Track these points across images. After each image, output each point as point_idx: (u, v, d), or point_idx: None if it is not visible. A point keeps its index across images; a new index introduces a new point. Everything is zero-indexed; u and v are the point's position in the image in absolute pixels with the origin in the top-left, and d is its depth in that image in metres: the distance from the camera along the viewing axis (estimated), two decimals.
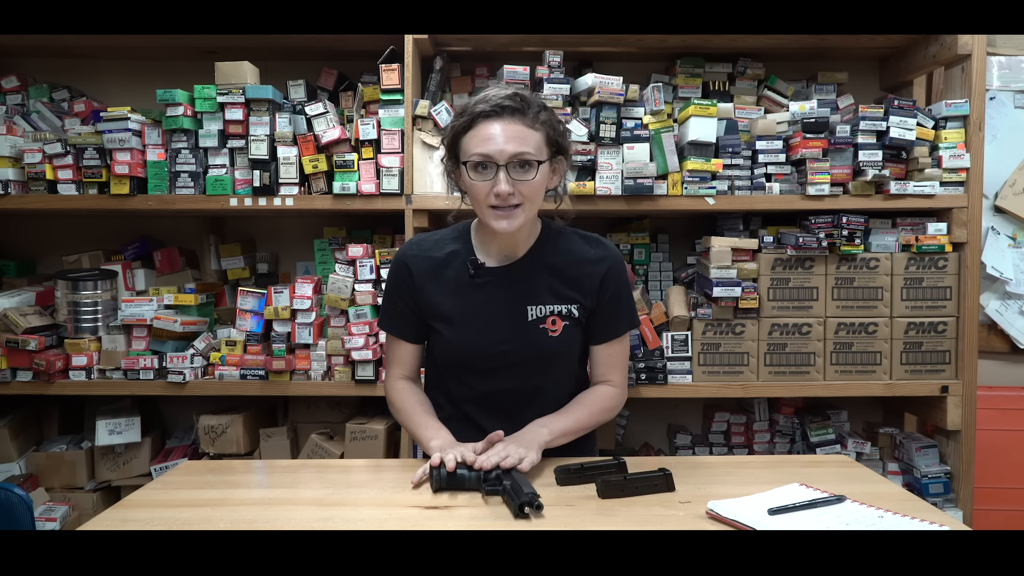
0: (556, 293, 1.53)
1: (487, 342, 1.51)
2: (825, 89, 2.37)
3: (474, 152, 1.42)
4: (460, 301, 1.53)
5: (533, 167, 1.42)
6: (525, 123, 1.43)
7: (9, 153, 2.19)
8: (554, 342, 1.52)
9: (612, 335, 1.58)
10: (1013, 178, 2.57)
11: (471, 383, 1.56)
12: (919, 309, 2.20)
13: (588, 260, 1.54)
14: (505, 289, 1.52)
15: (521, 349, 1.51)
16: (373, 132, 2.15)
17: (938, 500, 2.20)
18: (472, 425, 1.56)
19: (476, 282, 1.52)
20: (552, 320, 1.52)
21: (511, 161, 1.41)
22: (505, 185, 1.40)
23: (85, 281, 2.26)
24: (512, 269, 1.54)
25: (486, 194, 1.42)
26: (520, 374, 1.54)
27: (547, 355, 1.53)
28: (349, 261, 2.19)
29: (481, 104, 1.43)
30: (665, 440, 2.62)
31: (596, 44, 2.37)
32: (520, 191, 1.42)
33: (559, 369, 1.58)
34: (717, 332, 2.19)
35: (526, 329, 1.52)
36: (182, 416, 2.57)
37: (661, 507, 1.28)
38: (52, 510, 2.23)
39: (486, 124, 1.42)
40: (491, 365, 1.53)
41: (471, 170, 1.43)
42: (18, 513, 1.56)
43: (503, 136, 1.41)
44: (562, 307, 1.53)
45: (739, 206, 2.17)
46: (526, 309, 1.52)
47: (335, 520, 1.22)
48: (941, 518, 1.20)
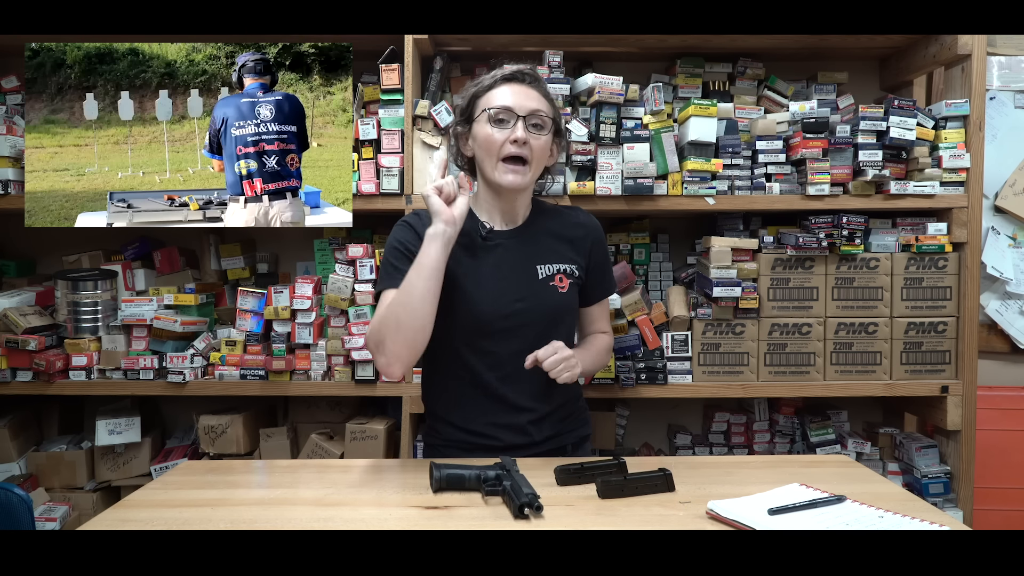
0: (559, 253, 1.66)
1: (503, 301, 1.59)
2: (825, 89, 2.37)
3: (496, 104, 1.56)
4: (473, 264, 1.60)
5: (546, 128, 1.59)
6: (540, 92, 1.61)
7: (9, 153, 2.19)
8: (563, 298, 1.64)
9: (604, 293, 1.76)
10: (1013, 178, 2.57)
11: (487, 347, 1.58)
12: (919, 309, 2.20)
13: (580, 224, 1.71)
14: (515, 251, 1.62)
15: (535, 307, 1.61)
16: (373, 132, 2.15)
17: (938, 500, 2.20)
18: (491, 396, 1.60)
19: (487, 245, 1.61)
20: (559, 278, 1.64)
21: (529, 116, 1.56)
22: (521, 132, 1.54)
23: (85, 281, 2.26)
24: (519, 231, 1.65)
25: (501, 143, 1.55)
26: (532, 333, 1.59)
27: (558, 312, 1.64)
28: (349, 261, 2.19)
29: (503, 71, 1.60)
30: (665, 440, 2.62)
31: (596, 44, 2.37)
32: (532, 147, 1.56)
33: (565, 329, 1.68)
34: (717, 332, 2.19)
35: (538, 287, 1.62)
36: (182, 416, 2.57)
37: (661, 507, 1.28)
38: (52, 510, 2.24)
39: (508, 85, 1.58)
40: (506, 325, 1.58)
41: (490, 121, 1.56)
42: (18, 513, 1.56)
43: (523, 95, 1.57)
44: (566, 266, 1.65)
45: (739, 206, 2.17)
46: (536, 268, 1.63)
47: (335, 520, 1.22)
48: (941, 518, 1.20)
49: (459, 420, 1.63)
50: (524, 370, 1.56)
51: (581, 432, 1.72)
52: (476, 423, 1.61)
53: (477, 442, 1.61)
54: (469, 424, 1.62)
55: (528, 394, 1.61)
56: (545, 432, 1.63)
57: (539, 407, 1.62)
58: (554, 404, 1.64)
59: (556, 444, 1.65)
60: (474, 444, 1.61)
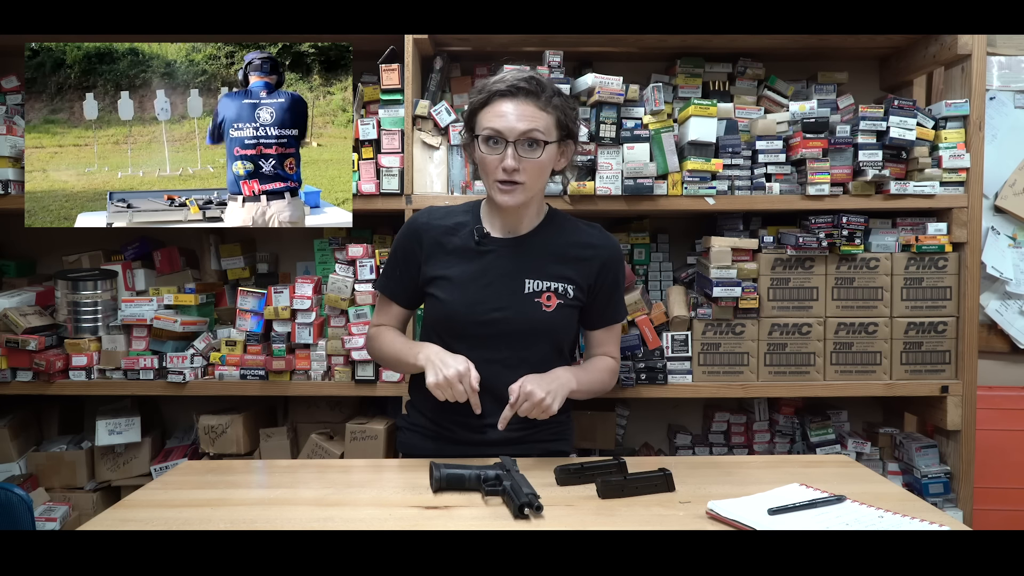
0: (555, 271, 1.60)
1: (481, 307, 1.57)
2: (825, 89, 2.37)
3: (486, 127, 1.52)
4: (462, 266, 1.59)
5: (540, 146, 1.52)
6: (538, 105, 1.52)
7: (9, 153, 2.19)
8: (546, 316, 1.58)
9: (611, 320, 1.69)
10: (1013, 178, 2.57)
11: (459, 350, 1.54)
12: (919, 309, 2.20)
13: (590, 244, 1.63)
14: (506, 260, 1.59)
15: (512, 319, 1.57)
16: (373, 132, 2.15)
17: (938, 500, 2.20)
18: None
19: (480, 249, 1.60)
20: (548, 296, 1.59)
21: (520, 139, 1.50)
22: (511, 161, 1.50)
23: (85, 281, 2.26)
24: (516, 242, 1.61)
25: (494, 167, 1.52)
26: (507, 344, 1.57)
27: (537, 329, 1.58)
28: (349, 261, 2.19)
29: (498, 83, 1.54)
30: (665, 440, 2.62)
31: (596, 44, 2.37)
32: (525, 168, 1.51)
33: (546, 347, 1.60)
34: (717, 332, 2.19)
35: (520, 300, 1.58)
36: (182, 416, 2.57)
37: (661, 507, 1.28)
38: (52, 510, 2.24)
39: (501, 102, 1.52)
40: (481, 332, 1.56)
41: (483, 143, 1.53)
42: (18, 513, 1.56)
43: (515, 115, 1.51)
44: (558, 285, 1.59)
45: (739, 206, 2.17)
46: (524, 281, 1.58)
47: (335, 520, 1.22)
48: (941, 518, 1.20)
49: (428, 410, 1.63)
50: (494, 380, 1.52)
51: (552, 446, 1.64)
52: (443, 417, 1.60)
53: (439, 432, 1.62)
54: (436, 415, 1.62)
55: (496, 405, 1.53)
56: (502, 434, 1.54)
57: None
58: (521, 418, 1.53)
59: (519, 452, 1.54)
60: (433, 432, 1.63)
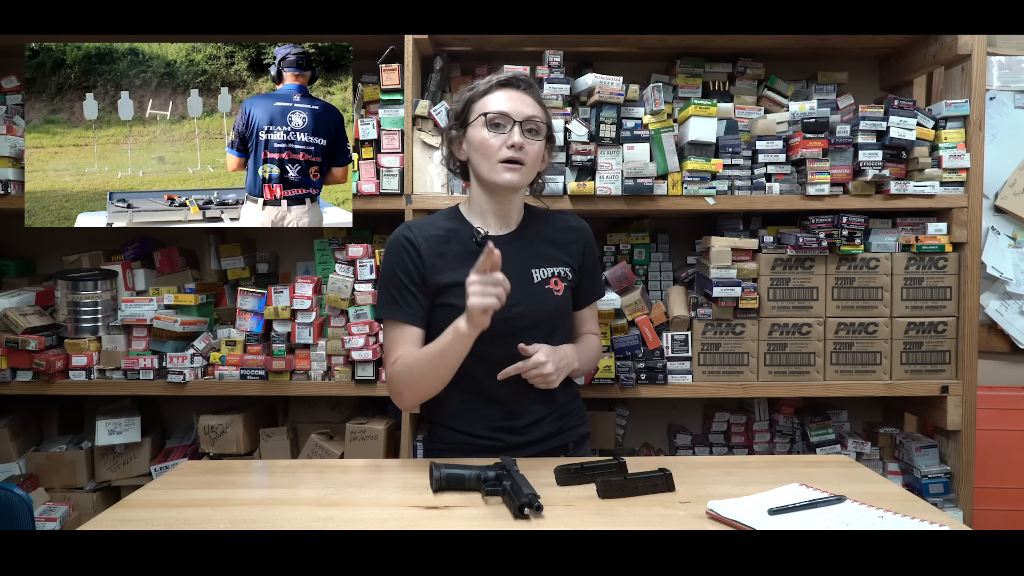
0: (553, 257, 1.68)
1: (503, 305, 1.53)
2: (825, 89, 2.37)
3: (493, 109, 1.57)
4: (469, 269, 1.54)
5: (540, 134, 1.61)
6: (535, 98, 1.63)
7: (9, 153, 2.19)
8: (559, 302, 1.66)
9: (594, 296, 1.79)
10: (1013, 178, 2.57)
11: (485, 352, 1.55)
12: (919, 309, 2.20)
13: (572, 228, 1.73)
14: (510, 254, 1.59)
15: (533, 311, 1.61)
16: (373, 132, 2.15)
17: (938, 500, 2.20)
18: (490, 400, 1.61)
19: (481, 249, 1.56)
20: (554, 281, 1.66)
21: (525, 121, 1.57)
22: (519, 137, 1.56)
23: (85, 281, 2.26)
24: (514, 235, 1.66)
25: (499, 147, 1.56)
26: (531, 336, 1.59)
27: (554, 315, 1.65)
28: (349, 261, 2.19)
29: (499, 76, 1.62)
30: (665, 440, 2.62)
31: (596, 44, 2.37)
32: (527, 151, 1.57)
33: (561, 333, 1.68)
34: (717, 332, 2.19)
35: (533, 291, 1.63)
36: (182, 416, 2.57)
37: (661, 507, 1.28)
38: (52, 510, 2.24)
39: (504, 90, 1.60)
40: (505, 329, 1.56)
41: (487, 125, 1.57)
42: (18, 513, 1.56)
43: (519, 101, 1.59)
44: (559, 269, 1.68)
45: (739, 206, 2.17)
46: (531, 272, 1.64)
47: (335, 520, 1.22)
48: (941, 518, 1.20)
49: (461, 426, 1.63)
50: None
51: (581, 430, 1.73)
52: (477, 427, 1.62)
53: (480, 443, 1.62)
54: (470, 428, 1.63)
55: (526, 397, 1.61)
56: (546, 430, 1.64)
57: (537, 408, 1.63)
58: (552, 405, 1.65)
59: (558, 443, 1.66)
60: (477, 446, 1.61)
